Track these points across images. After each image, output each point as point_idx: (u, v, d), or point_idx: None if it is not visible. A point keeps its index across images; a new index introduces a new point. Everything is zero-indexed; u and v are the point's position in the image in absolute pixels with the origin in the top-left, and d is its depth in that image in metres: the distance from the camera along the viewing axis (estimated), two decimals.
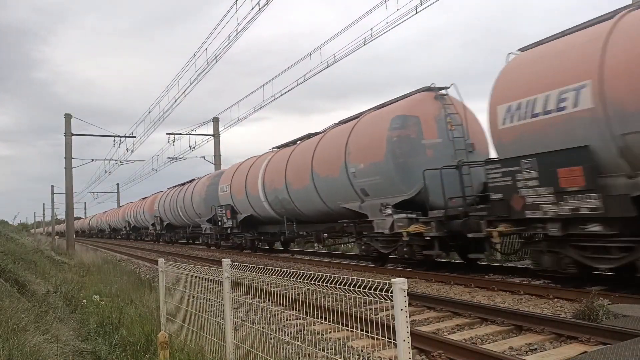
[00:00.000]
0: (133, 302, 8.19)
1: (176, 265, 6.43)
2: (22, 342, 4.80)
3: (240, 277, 4.59)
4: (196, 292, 8.72)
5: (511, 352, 5.40)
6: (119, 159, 34.74)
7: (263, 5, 13.82)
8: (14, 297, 7.01)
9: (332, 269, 13.37)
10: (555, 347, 5.52)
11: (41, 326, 5.84)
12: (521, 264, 12.15)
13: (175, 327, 5.70)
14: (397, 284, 2.59)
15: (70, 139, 28.83)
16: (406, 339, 2.60)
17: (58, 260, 17.56)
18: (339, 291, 3.14)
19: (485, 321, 6.82)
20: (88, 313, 7.84)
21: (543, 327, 6.05)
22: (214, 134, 32.75)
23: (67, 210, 29.94)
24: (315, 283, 3.36)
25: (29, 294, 8.05)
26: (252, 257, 19.14)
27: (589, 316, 6.24)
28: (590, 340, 5.48)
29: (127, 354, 5.45)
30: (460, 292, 9.14)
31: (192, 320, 5.43)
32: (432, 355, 5.38)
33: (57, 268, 14.57)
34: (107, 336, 6.27)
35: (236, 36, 16.18)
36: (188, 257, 21.01)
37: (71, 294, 9.15)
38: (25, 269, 10.39)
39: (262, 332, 4.43)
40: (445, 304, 7.80)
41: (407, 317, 2.60)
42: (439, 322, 7.10)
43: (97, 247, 37.63)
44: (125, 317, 6.94)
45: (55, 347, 5.12)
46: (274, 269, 4.02)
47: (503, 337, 6.07)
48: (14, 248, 13.39)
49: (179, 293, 6.24)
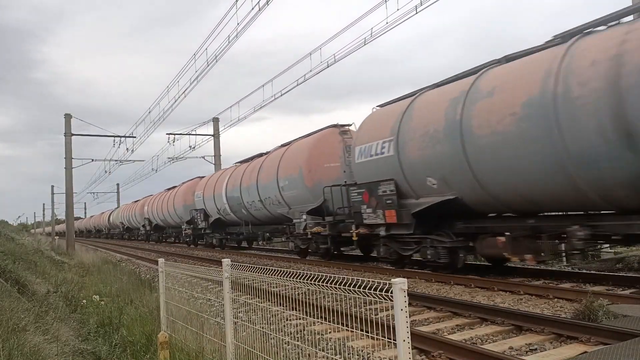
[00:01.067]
0: (133, 302, 8.18)
1: (176, 265, 6.43)
2: (22, 342, 4.80)
3: (241, 277, 4.60)
4: (196, 292, 8.72)
5: (511, 352, 5.40)
6: (119, 159, 34.77)
7: (263, 5, 13.84)
8: (14, 297, 7.01)
9: (332, 269, 13.43)
10: (555, 347, 5.52)
11: (41, 326, 5.84)
12: (521, 264, 12.15)
13: (175, 327, 5.70)
14: (397, 284, 2.59)
15: (70, 139, 28.82)
16: (406, 339, 2.60)
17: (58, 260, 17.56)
18: (339, 291, 3.14)
19: (485, 321, 6.82)
20: (88, 313, 7.84)
21: (543, 327, 6.05)
22: (214, 134, 32.74)
23: (67, 210, 29.93)
24: (316, 283, 3.36)
25: (29, 294, 8.05)
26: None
27: (588, 316, 6.25)
28: (590, 341, 5.47)
29: (127, 354, 5.46)
30: (460, 292, 9.14)
31: (192, 320, 5.43)
32: (432, 355, 5.38)
33: (57, 268, 14.57)
34: (107, 336, 6.27)
35: (236, 36, 16.21)
36: (188, 257, 21.03)
37: (71, 294, 9.15)
38: (25, 269, 10.39)
39: (262, 332, 4.43)
40: (445, 304, 7.80)
41: (407, 317, 2.60)
42: (439, 322, 7.10)
43: (96, 247, 37.65)
44: (126, 317, 6.94)
45: (55, 347, 5.12)
46: (274, 269, 4.02)
47: (503, 337, 6.07)
48: (14, 248, 13.39)
49: (179, 293, 6.24)
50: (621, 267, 10.86)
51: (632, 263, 10.72)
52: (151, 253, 26.21)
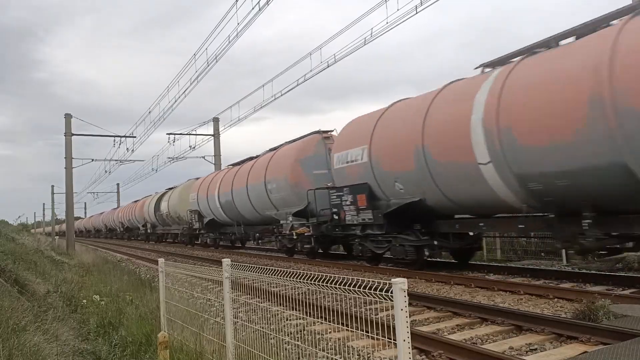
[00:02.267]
0: (133, 302, 8.17)
1: (176, 265, 6.43)
2: (22, 342, 4.80)
3: (241, 277, 4.59)
4: (196, 292, 8.71)
5: (511, 352, 5.39)
6: (120, 159, 34.77)
7: (263, 5, 13.83)
8: (14, 297, 7.01)
9: (332, 269, 13.44)
10: (555, 347, 5.51)
11: (41, 326, 5.84)
12: (521, 264, 12.17)
13: (175, 327, 5.69)
14: (397, 284, 2.59)
15: (71, 139, 28.81)
16: (406, 339, 2.59)
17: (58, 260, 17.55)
18: (339, 291, 3.13)
19: (486, 321, 6.81)
20: (88, 313, 7.83)
21: (543, 327, 6.05)
22: (214, 133, 32.72)
23: (67, 210, 29.93)
24: (316, 283, 3.35)
25: (29, 294, 8.05)
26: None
27: (589, 316, 6.24)
28: (590, 340, 5.47)
29: (127, 354, 5.45)
30: (461, 292, 9.14)
31: (192, 321, 5.43)
32: (432, 355, 5.37)
33: (57, 268, 14.56)
34: (107, 336, 6.27)
35: (236, 36, 16.20)
36: (188, 257, 21.02)
37: (71, 294, 9.15)
38: (25, 269, 10.39)
39: (262, 332, 4.43)
40: (445, 304, 7.80)
41: (407, 317, 2.60)
42: (439, 322, 7.10)
43: (96, 247, 37.64)
44: (126, 317, 6.93)
45: (55, 347, 5.12)
46: (274, 269, 4.02)
47: (503, 337, 6.07)
48: (14, 248, 13.38)
49: (179, 293, 6.24)
50: (621, 267, 10.86)
51: (632, 263, 10.71)
52: (151, 253, 26.21)
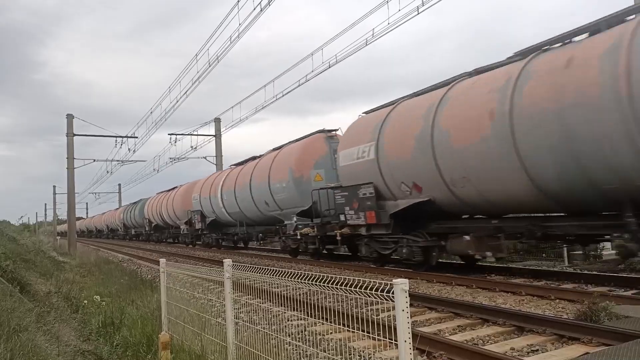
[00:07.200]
0: (134, 303, 8.18)
1: (177, 265, 6.43)
2: (23, 342, 4.81)
3: (242, 278, 4.59)
4: (197, 293, 8.71)
5: (513, 353, 5.38)
6: (121, 160, 34.81)
7: (265, 6, 13.83)
8: (15, 298, 7.02)
9: (334, 269, 13.43)
10: (557, 348, 5.50)
11: (43, 326, 5.85)
12: (522, 265, 12.14)
13: (176, 327, 5.69)
14: (398, 284, 2.59)
15: (72, 139, 28.84)
16: (407, 339, 2.59)
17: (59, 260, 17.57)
18: (340, 292, 3.13)
19: (487, 322, 6.80)
20: (89, 313, 7.84)
21: (545, 328, 6.04)
22: (215, 134, 32.73)
23: (69, 211, 29.95)
24: (317, 284, 3.36)
25: (31, 295, 8.06)
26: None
27: (590, 317, 6.22)
28: (592, 342, 5.46)
29: (129, 355, 5.46)
30: (462, 292, 9.12)
31: (194, 321, 5.43)
32: (434, 356, 5.37)
33: (59, 268, 14.58)
34: (109, 337, 6.28)
35: (238, 37, 16.21)
36: (189, 258, 21.02)
37: (72, 294, 9.16)
38: (26, 270, 10.40)
39: (264, 333, 4.42)
40: (446, 305, 7.78)
41: (408, 317, 2.60)
42: (440, 322, 7.08)
43: (98, 247, 37.64)
44: (127, 317, 6.93)
45: (56, 348, 5.13)
46: (275, 270, 4.02)
47: (504, 338, 6.06)
48: (15, 248, 13.40)
49: (180, 293, 6.24)
50: (623, 268, 10.84)
51: (635, 264, 10.69)
52: (152, 253, 26.21)
